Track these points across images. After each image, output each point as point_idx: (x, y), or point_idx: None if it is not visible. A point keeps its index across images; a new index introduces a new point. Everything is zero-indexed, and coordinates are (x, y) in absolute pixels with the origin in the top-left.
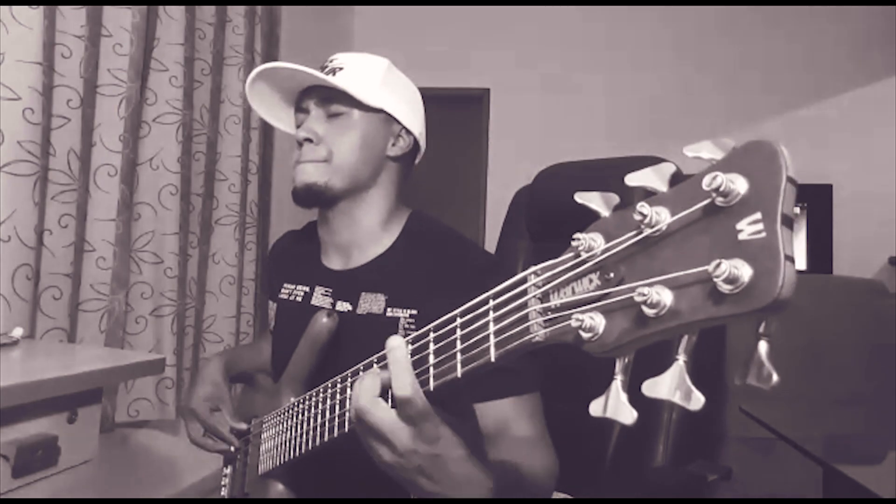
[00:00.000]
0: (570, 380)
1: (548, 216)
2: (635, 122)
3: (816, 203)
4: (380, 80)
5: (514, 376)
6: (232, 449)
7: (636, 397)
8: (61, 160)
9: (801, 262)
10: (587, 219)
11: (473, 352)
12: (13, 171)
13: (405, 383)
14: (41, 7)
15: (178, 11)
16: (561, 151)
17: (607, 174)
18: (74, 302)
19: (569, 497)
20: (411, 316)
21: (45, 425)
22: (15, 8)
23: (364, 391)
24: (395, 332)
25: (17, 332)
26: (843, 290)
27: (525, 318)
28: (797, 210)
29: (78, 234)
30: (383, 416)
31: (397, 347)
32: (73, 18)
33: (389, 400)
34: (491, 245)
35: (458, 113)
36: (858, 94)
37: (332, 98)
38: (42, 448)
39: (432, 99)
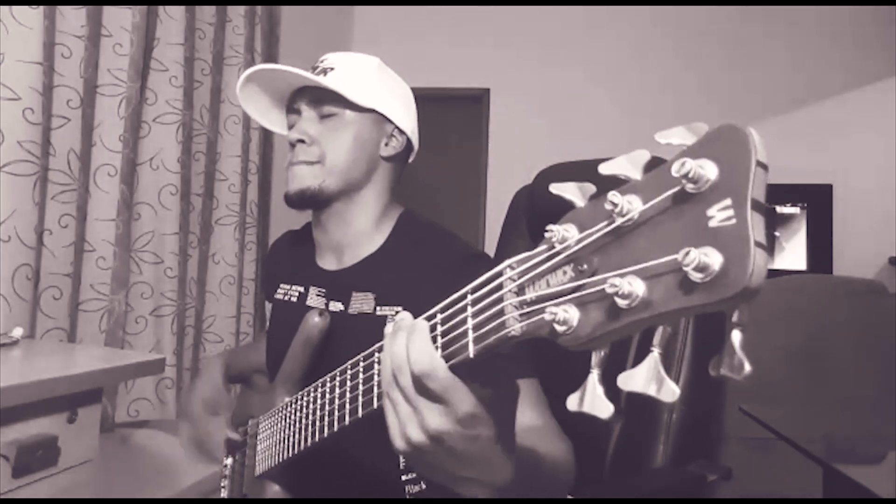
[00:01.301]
0: (570, 379)
1: (548, 216)
2: (635, 121)
3: (816, 203)
4: (371, 79)
5: (510, 360)
6: (226, 468)
7: (636, 397)
8: (61, 160)
9: (801, 262)
10: None
11: (452, 348)
12: (13, 171)
13: (423, 355)
14: (41, 7)
15: (178, 11)
16: (561, 151)
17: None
18: (74, 302)
19: (569, 497)
20: (397, 313)
21: (45, 425)
22: (15, 8)
23: (424, 351)
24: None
25: (17, 332)
26: (843, 290)
27: (501, 313)
28: (797, 210)
29: (78, 234)
30: (449, 373)
31: (404, 318)
32: (73, 18)
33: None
34: (491, 245)
35: (458, 113)
36: (858, 94)
37: (324, 99)
38: (42, 448)
39: (432, 99)
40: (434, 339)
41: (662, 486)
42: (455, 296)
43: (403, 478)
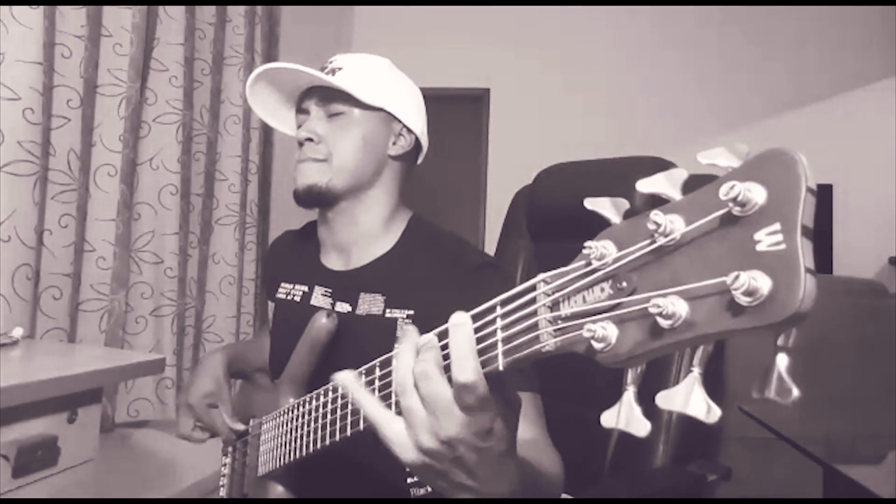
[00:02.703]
0: (571, 380)
1: (548, 216)
2: (635, 121)
3: (816, 203)
4: (380, 79)
5: (518, 374)
6: (225, 466)
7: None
8: (61, 160)
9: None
10: (586, 219)
11: (480, 358)
12: (13, 171)
13: (469, 366)
14: (41, 7)
15: (178, 11)
16: (561, 151)
17: (607, 174)
18: (74, 302)
19: (569, 497)
20: (408, 316)
21: (45, 425)
22: (15, 8)
23: (431, 357)
24: (394, 332)
25: (17, 332)
26: (843, 290)
27: (535, 327)
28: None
29: (78, 234)
30: (444, 390)
31: (462, 324)
32: (73, 18)
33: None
34: (491, 245)
35: (458, 113)
36: (858, 94)
37: (332, 98)
38: (42, 448)
39: (432, 99)
40: None
41: (662, 486)
42: (484, 307)
43: (409, 480)
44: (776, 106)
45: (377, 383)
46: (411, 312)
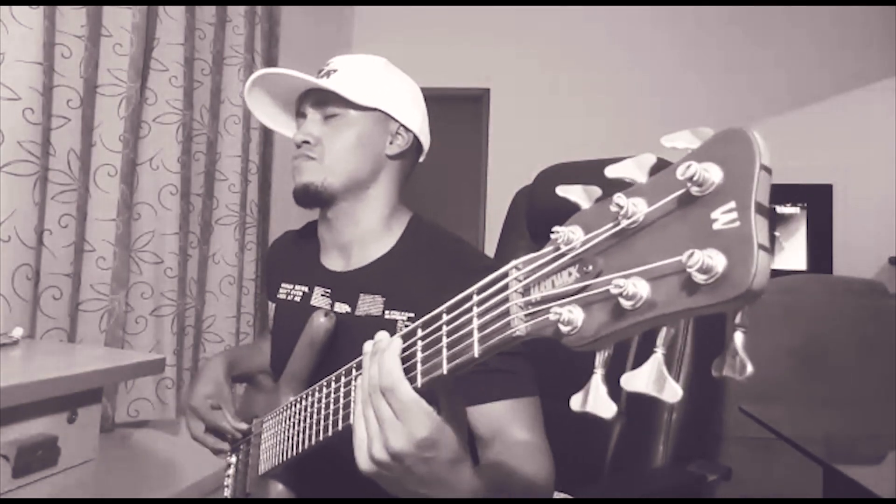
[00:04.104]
0: (571, 380)
1: (548, 216)
2: (635, 121)
3: (816, 203)
4: (374, 78)
5: (511, 378)
6: (229, 468)
7: (637, 397)
8: (61, 160)
9: (801, 262)
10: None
11: (458, 347)
12: (13, 171)
13: (390, 370)
14: (41, 7)
15: (178, 11)
16: (561, 151)
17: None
18: (74, 302)
19: (569, 497)
20: (409, 318)
21: (45, 425)
22: (15, 8)
23: (390, 369)
24: (393, 334)
25: (17, 332)
26: (843, 290)
27: (507, 313)
28: (797, 210)
29: (78, 234)
30: (413, 394)
31: (384, 338)
32: (73, 18)
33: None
34: (491, 245)
35: (458, 113)
36: (858, 94)
37: (327, 100)
38: (42, 448)
39: (432, 99)
40: (439, 340)
41: (662, 486)
42: (461, 296)
43: None
44: (776, 106)
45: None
46: (412, 315)
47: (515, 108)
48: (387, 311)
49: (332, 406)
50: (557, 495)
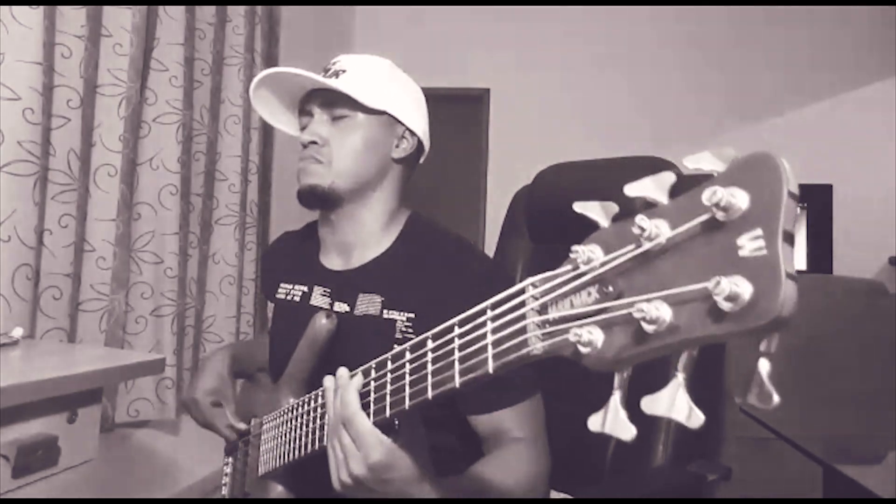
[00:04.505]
0: (571, 380)
1: (548, 216)
2: (635, 122)
3: (816, 203)
4: (382, 81)
5: (513, 387)
6: (227, 466)
7: (635, 403)
8: (61, 160)
9: (801, 262)
10: (587, 220)
11: (471, 362)
12: (13, 171)
13: (348, 404)
14: (41, 7)
15: (178, 11)
16: (561, 151)
17: (607, 174)
18: (74, 302)
19: (569, 497)
20: (409, 320)
21: (45, 425)
22: (15, 8)
23: (348, 403)
24: (393, 335)
25: (17, 332)
26: (843, 290)
27: (523, 331)
28: (797, 210)
29: (78, 234)
30: (367, 424)
31: (344, 374)
32: (73, 18)
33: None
34: (491, 245)
35: (458, 113)
36: (858, 94)
37: (336, 101)
38: (42, 448)
39: (432, 99)
40: (451, 353)
41: (662, 486)
42: (474, 310)
43: None
44: (776, 106)
45: (373, 384)
46: (412, 316)
47: (515, 108)
48: (385, 311)
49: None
50: (558, 495)
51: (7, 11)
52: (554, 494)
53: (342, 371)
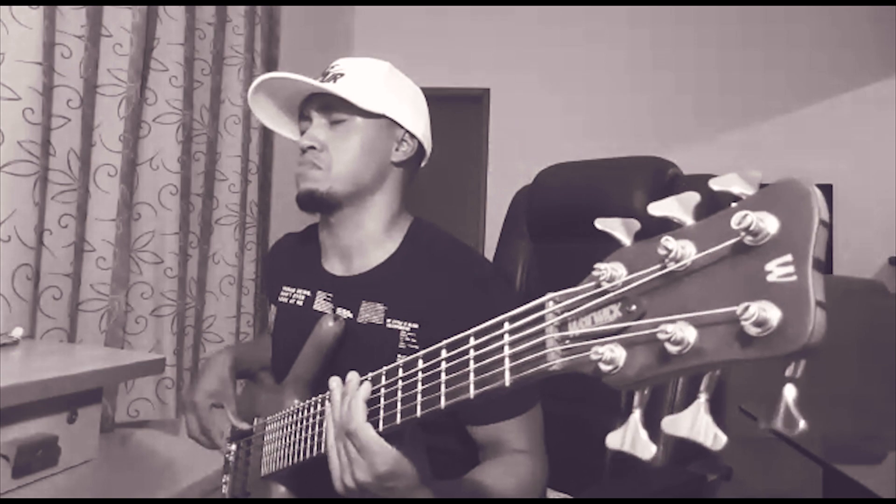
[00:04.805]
0: (572, 381)
1: (548, 216)
2: (635, 121)
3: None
4: (381, 84)
5: (514, 399)
6: (229, 455)
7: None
8: (61, 160)
9: None
10: (587, 220)
11: (486, 374)
12: (13, 171)
13: (355, 414)
14: (41, 7)
15: (178, 11)
16: (561, 151)
17: (607, 174)
18: (74, 302)
19: (569, 497)
20: (412, 330)
21: (45, 425)
22: (15, 8)
23: (355, 413)
24: (396, 344)
25: (17, 332)
26: (843, 290)
27: (542, 346)
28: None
29: (78, 234)
30: (373, 435)
31: (354, 379)
32: (73, 18)
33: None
34: (491, 245)
35: (458, 113)
36: (858, 94)
37: (334, 105)
38: (42, 448)
39: (432, 99)
40: (466, 364)
41: (662, 486)
42: (491, 322)
43: None
44: (776, 106)
45: (383, 391)
46: (416, 326)
47: (515, 108)
48: (388, 321)
49: None
50: (558, 495)
51: (7, 11)
52: (554, 494)
53: (352, 376)
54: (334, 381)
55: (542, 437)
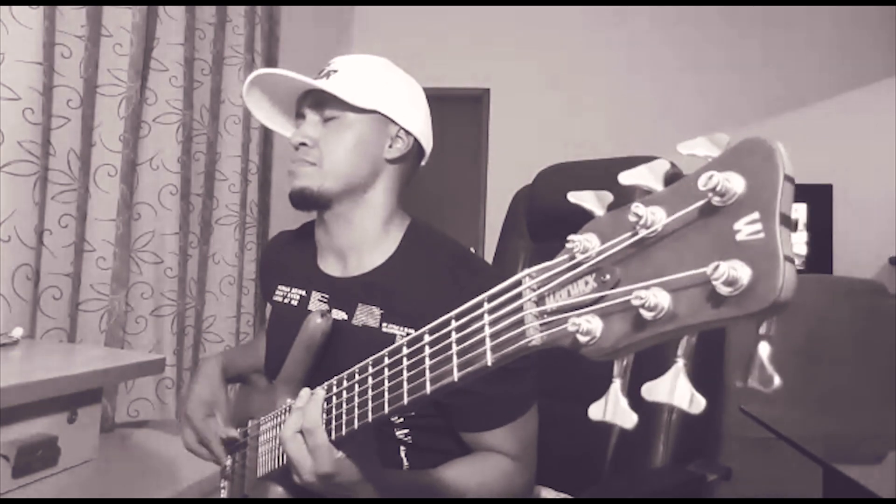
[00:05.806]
0: (571, 380)
1: (548, 216)
2: (635, 122)
3: (816, 203)
4: (374, 80)
5: (508, 403)
6: (227, 463)
7: (636, 398)
8: (61, 160)
9: (800, 262)
10: (587, 219)
11: (469, 355)
12: (13, 171)
13: (313, 418)
14: (41, 7)
15: (178, 11)
16: (561, 151)
17: (607, 174)
18: (74, 302)
19: (569, 497)
20: (407, 334)
21: (45, 425)
22: (15, 8)
23: (313, 417)
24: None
25: (17, 332)
26: (843, 290)
27: (521, 322)
28: (794, 193)
29: (78, 234)
30: (324, 438)
31: (306, 395)
32: (73, 18)
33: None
34: (491, 245)
35: (458, 113)
36: (858, 94)
37: (326, 102)
38: (42, 448)
39: (432, 99)
40: (448, 347)
41: (662, 486)
42: (471, 303)
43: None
44: (776, 106)
45: (370, 381)
46: (411, 331)
47: (515, 108)
48: (384, 325)
49: (333, 412)
50: (558, 495)
51: (7, 11)
52: (554, 494)
53: (305, 391)
54: (302, 398)
55: (532, 443)
